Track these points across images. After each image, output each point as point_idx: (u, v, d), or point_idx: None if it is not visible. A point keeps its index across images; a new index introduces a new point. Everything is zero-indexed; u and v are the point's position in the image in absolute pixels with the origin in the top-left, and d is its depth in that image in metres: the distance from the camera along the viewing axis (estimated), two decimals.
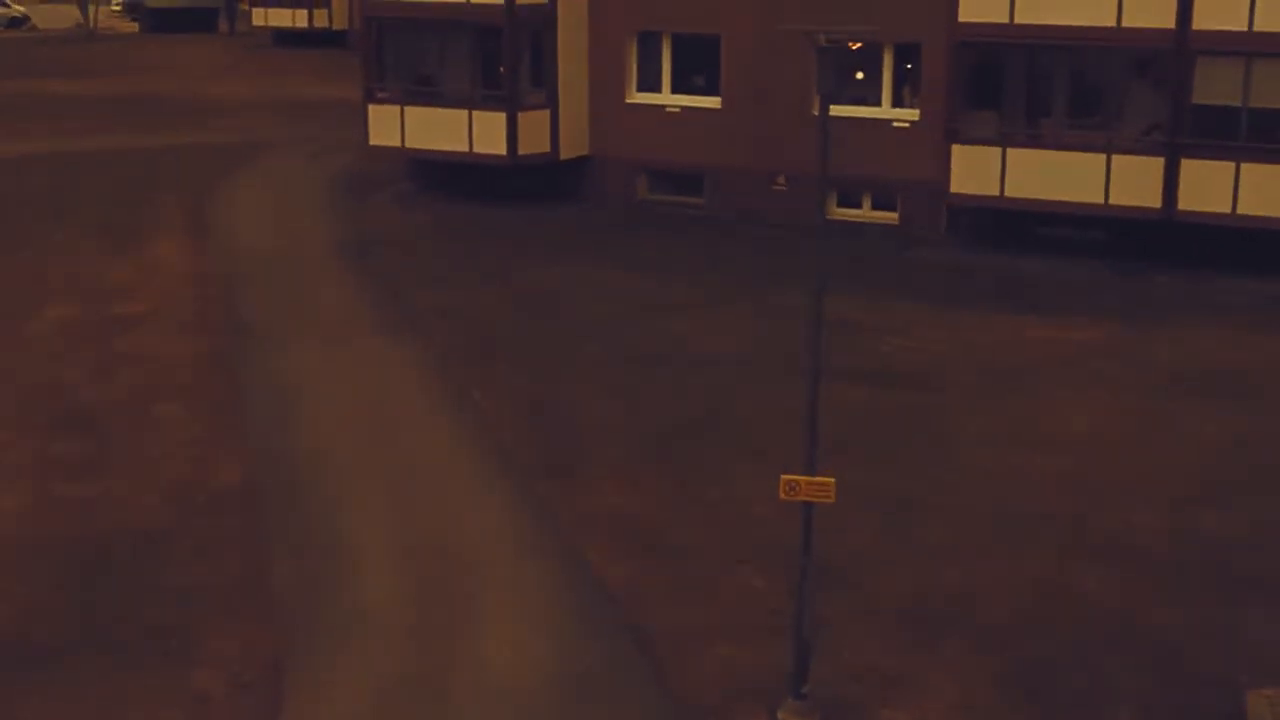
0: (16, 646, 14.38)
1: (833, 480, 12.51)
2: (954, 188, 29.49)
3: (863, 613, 14.94)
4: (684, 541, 16.78)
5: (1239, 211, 27.14)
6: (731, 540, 16.76)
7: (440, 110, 34.43)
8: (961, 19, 28.68)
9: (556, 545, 16.81)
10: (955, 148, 29.26)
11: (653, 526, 17.16)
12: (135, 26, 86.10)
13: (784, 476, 12.62)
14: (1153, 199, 27.77)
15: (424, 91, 35.08)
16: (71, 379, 22.44)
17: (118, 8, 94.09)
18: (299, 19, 72.14)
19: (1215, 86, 27.30)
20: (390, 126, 35.04)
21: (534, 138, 34.08)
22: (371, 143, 35.62)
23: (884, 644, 14.43)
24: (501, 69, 34.07)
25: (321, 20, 71.59)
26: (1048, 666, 14.12)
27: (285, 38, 72.72)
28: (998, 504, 17.71)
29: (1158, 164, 27.69)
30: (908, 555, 16.38)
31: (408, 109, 34.79)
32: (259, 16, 74.37)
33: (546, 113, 34.23)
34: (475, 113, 33.92)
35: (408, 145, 35.08)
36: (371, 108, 35.40)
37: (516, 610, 15.23)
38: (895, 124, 31.56)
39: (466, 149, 34.15)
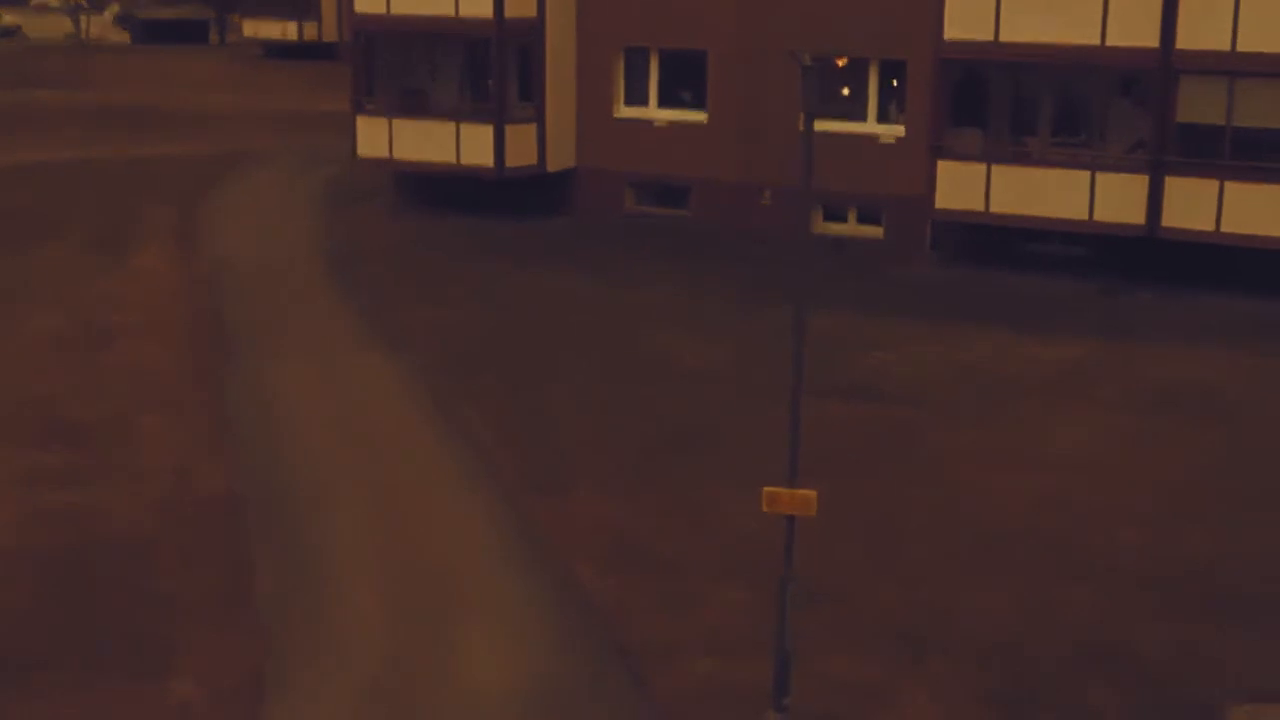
0: None
1: (814, 494, 12.59)
2: (939, 203, 29.60)
3: (847, 628, 14.98)
4: (670, 555, 16.83)
5: (1222, 229, 27.29)
6: (717, 554, 16.80)
7: (428, 122, 34.53)
8: (947, 36, 28.79)
9: (542, 558, 16.87)
10: (941, 164, 29.38)
11: (639, 540, 17.21)
12: (127, 37, 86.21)
13: (766, 489, 12.70)
14: (1137, 216, 27.91)
15: (412, 104, 35.15)
16: (57, 391, 22.43)
17: (109, 18, 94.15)
18: (289, 31, 72.33)
19: (1199, 105, 27.47)
20: (378, 138, 35.11)
21: (521, 150, 34.18)
22: (360, 154, 35.69)
23: (867, 659, 14.48)
24: (490, 82, 34.18)
25: (311, 33, 71.77)
26: (1030, 684, 14.17)
27: (275, 50, 72.85)
28: (982, 521, 17.78)
29: (1142, 181, 27.84)
30: (892, 571, 16.43)
31: (396, 121, 34.88)
32: (249, 28, 74.59)
33: (534, 125, 34.33)
34: (463, 125, 34.03)
35: (396, 157, 35.14)
36: (360, 119, 35.48)
37: (501, 622, 15.29)
38: (881, 140, 31.71)
39: (454, 161, 34.24)
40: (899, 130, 31.53)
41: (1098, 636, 15.08)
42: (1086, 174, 28.26)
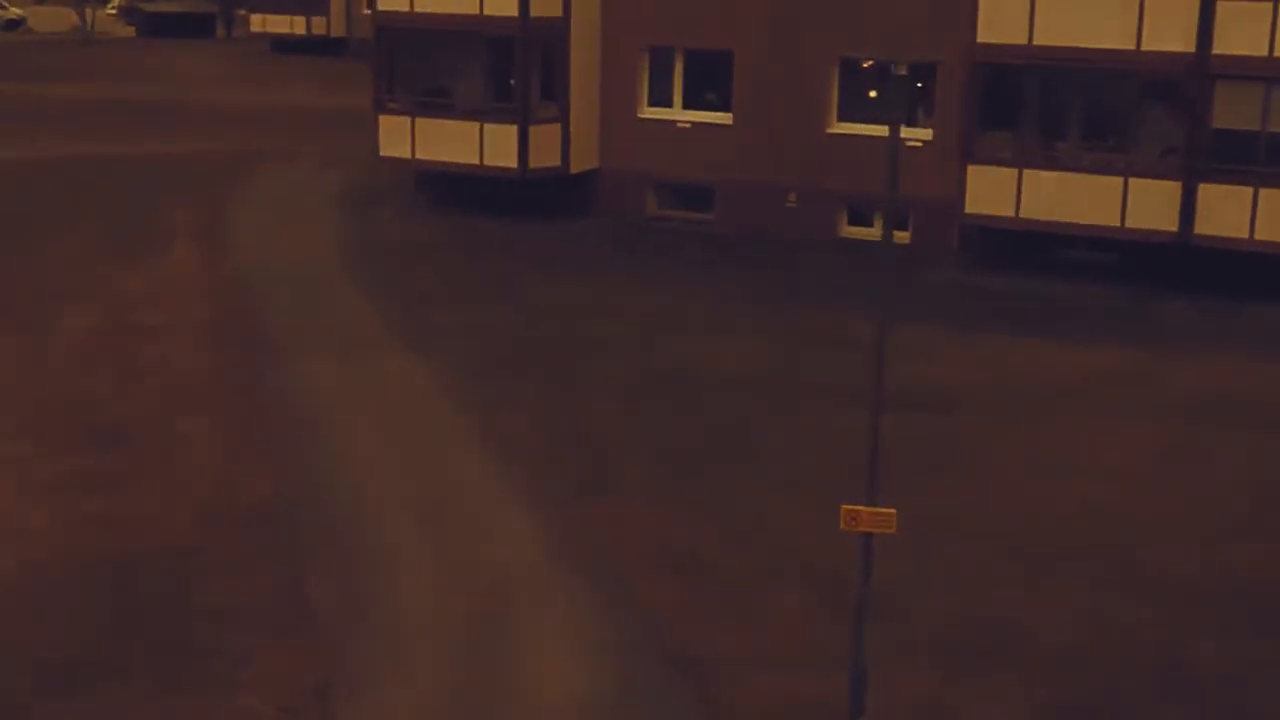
0: (59, 668, 14.22)
1: (894, 511, 12.46)
2: (969, 208, 29.49)
3: (906, 642, 14.81)
4: (723, 565, 16.69)
5: (1256, 236, 27.18)
6: (770, 564, 16.68)
7: (451, 122, 34.38)
8: (980, 40, 28.65)
9: (595, 568, 16.67)
10: (971, 168, 29.26)
11: (690, 549, 17.05)
12: (132, 30, 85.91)
13: (844, 507, 12.55)
14: (1169, 223, 27.80)
15: (435, 103, 35.01)
16: (92, 392, 22.27)
17: (114, 11, 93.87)
18: (297, 25, 72.07)
19: (1234, 111, 27.36)
20: (400, 138, 34.97)
21: (545, 151, 34.05)
22: (382, 154, 35.51)
23: (930, 675, 14.35)
24: (513, 81, 34.03)
25: (320, 27, 71.51)
26: (1097, 701, 14.04)
27: (283, 44, 72.61)
28: (1033, 533, 17.64)
29: (1175, 188, 27.74)
30: (947, 584, 16.28)
31: (418, 120, 34.75)
32: (257, 23, 74.30)
33: (558, 126, 34.19)
34: (486, 125, 33.88)
35: (418, 157, 34.98)
36: (382, 118, 35.31)
37: (560, 633, 15.12)
38: (909, 143, 31.46)
39: (477, 161, 34.10)
40: (926, 134, 31.38)
41: (1160, 652, 14.94)
42: (1119, 180, 28.14)
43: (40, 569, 16.32)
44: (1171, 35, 27.28)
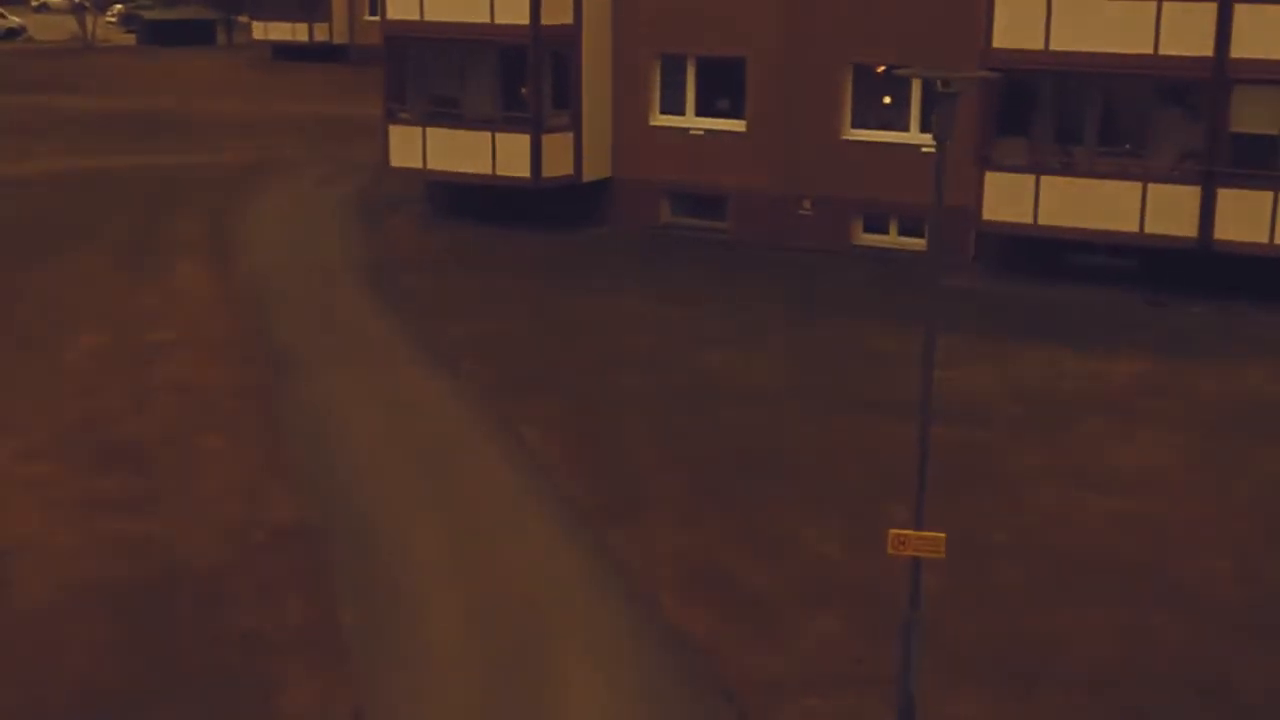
0: (88, 694, 14.10)
1: (943, 535, 12.31)
2: (986, 215, 29.32)
3: (947, 661, 14.64)
4: (754, 585, 16.52)
5: (1277, 242, 27.01)
6: (803, 584, 16.52)
7: (463, 132, 34.22)
8: (995, 45, 28.48)
9: (627, 590, 16.50)
10: (988, 175, 29.10)
11: (720, 569, 16.91)
12: (132, 38, 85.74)
13: (892, 531, 12.40)
14: (1189, 228, 27.63)
15: (446, 113, 34.82)
16: (110, 410, 22.10)
17: (114, 19, 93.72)
18: (299, 33, 71.87)
19: (1253, 115, 27.21)
20: (411, 148, 34.78)
21: (557, 160, 33.88)
22: (392, 163, 35.35)
23: (974, 695, 14.19)
24: (524, 90, 33.87)
25: (322, 34, 71.30)
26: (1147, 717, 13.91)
27: (285, 51, 72.43)
28: (1065, 546, 17.50)
29: (1194, 193, 27.57)
30: (984, 601, 16.13)
31: (429, 130, 34.55)
32: (259, 30, 74.11)
33: (570, 135, 34.03)
34: (499, 134, 33.72)
35: (429, 167, 34.82)
36: (392, 128, 35.14)
37: (594, 657, 14.98)
38: (923, 149, 31.35)
39: (489, 171, 33.93)
40: None
41: (1204, 668, 14.77)
42: (1138, 185, 27.99)
43: (69, 592, 16.16)
44: (1189, 39, 27.11)
